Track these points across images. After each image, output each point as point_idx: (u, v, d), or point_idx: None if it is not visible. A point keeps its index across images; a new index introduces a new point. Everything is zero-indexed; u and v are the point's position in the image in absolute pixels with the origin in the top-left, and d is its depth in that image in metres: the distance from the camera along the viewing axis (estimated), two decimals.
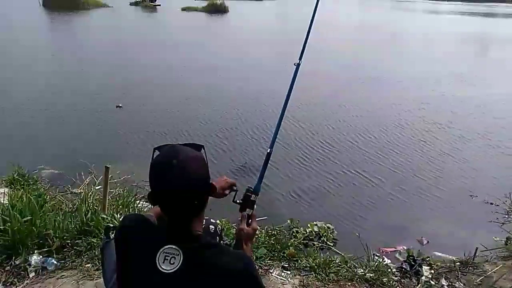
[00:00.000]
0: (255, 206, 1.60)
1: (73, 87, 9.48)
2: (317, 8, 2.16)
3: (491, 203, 5.01)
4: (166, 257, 1.15)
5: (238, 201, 1.60)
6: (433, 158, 6.42)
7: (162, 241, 1.17)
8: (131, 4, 30.72)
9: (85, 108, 8.11)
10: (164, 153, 1.19)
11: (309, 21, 2.05)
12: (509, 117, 8.48)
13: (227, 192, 1.63)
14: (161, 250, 1.16)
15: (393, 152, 6.61)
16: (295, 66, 1.89)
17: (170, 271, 1.14)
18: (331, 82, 10.93)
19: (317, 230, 3.97)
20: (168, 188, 1.14)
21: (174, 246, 1.16)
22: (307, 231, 3.93)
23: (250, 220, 1.55)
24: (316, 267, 3.03)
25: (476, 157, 6.58)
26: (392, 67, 13.29)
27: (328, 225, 4.09)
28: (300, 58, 1.92)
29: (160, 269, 1.14)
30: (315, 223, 4.08)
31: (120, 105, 8.22)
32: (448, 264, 3.25)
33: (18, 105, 8.07)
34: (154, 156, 1.21)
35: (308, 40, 1.99)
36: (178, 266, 1.14)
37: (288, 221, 4.11)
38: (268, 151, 1.74)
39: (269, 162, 1.74)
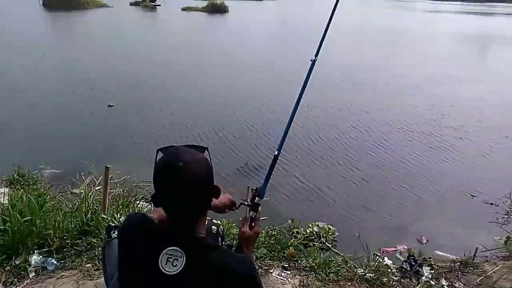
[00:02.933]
0: (259, 209, 1.55)
1: (71, 87, 9.47)
2: (337, 6, 2.06)
3: (491, 203, 5.01)
4: (169, 259, 1.14)
5: (244, 203, 1.56)
6: (434, 158, 6.42)
7: (165, 242, 1.16)
8: (131, 4, 30.78)
9: (85, 108, 8.10)
10: (169, 155, 1.17)
11: (328, 18, 1.97)
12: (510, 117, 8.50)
13: (227, 210, 1.64)
14: (164, 251, 1.15)
15: (392, 152, 6.61)
16: (310, 62, 1.82)
17: (172, 273, 1.13)
18: (334, 83, 10.93)
19: (317, 231, 3.97)
20: (173, 190, 1.13)
21: (177, 248, 1.15)
22: (307, 231, 3.93)
23: (253, 223, 1.52)
24: (316, 267, 3.02)
25: (477, 158, 6.58)
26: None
27: (329, 226, 4.09)
28: (316, 55, 1.85)
29: (163, 270, 1.13)
30: (316, 223, 4.07)
31: (112, 104, 8.20)
32: (448, 264, 3.25)
33: (16, 106, 8.07)
34: (158, 158, 1.19)
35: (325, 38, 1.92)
36: (181, 268, 1.13)
37: (289, 221, 4.11)
38: (276, 153, 1.68)
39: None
